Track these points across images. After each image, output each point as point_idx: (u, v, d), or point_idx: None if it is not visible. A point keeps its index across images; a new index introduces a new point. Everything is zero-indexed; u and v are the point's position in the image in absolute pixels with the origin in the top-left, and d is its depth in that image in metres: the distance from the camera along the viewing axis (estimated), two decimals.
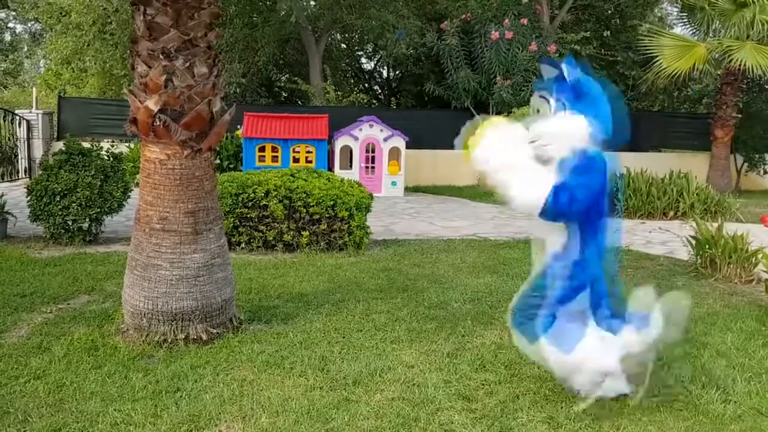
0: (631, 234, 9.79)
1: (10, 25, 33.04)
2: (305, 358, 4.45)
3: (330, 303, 5.72)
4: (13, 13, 29.49)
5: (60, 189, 7.74)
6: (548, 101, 3.77)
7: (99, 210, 7.96)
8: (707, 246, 7.19)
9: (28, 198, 7.92)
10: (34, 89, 16.17)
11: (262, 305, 5.63)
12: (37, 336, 4.79)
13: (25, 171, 14.46)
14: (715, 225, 7.40)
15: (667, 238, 9.27)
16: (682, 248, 8.08)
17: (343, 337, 4.86)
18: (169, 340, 4.63)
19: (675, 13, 17.45)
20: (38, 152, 14.49)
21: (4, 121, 14.15)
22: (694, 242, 7.40)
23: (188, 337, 4.68)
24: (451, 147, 13.84)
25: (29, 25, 31.32)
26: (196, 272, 4.71)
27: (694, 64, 13.87)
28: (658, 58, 14.21)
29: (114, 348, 4.56)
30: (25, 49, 33.73)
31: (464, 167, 16.11)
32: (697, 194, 11.04)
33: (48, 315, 5.31)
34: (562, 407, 3.79)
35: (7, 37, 33.74)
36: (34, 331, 4.90)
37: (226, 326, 4.92)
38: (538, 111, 3.87)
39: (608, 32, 18.04)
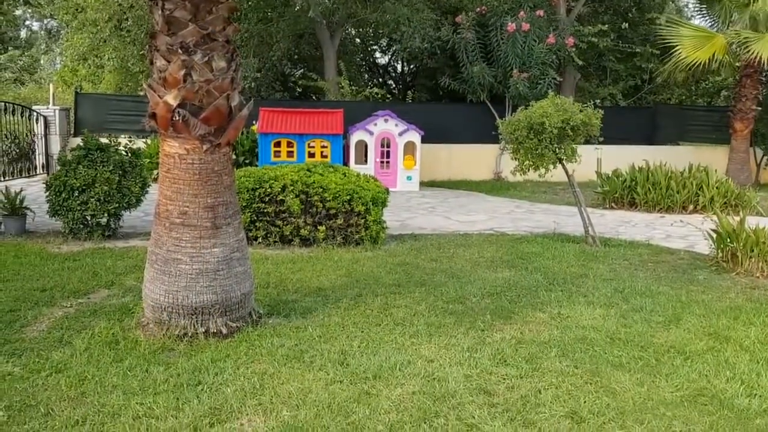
0: (651, 228, 9.70)
1: (27, 22, 33.33)
2: (325, 352, 4.44)
3: (348, 297, 5.71)
4: (30, 11, 29.73)
5: (78, 184, 7.79)
6: None
7: (117, 205, 8.00)
8: (729, 240, 7.11)
9: (47, 193, 7.98)
10: (51, 85, 16.26)
11: (281, 299, 5.63)
12: (58, 330, 4.82)
13: (43, 167, 14.56)
14: (737, 219, 7.31)
15: (687, 232, 9.17)
16: (702, 242, 8.00)
17: (362, 332, 4.85)
18: (190, 334, 4.64)
19: (691, 6, 17.24)
20: (55, 148, 14.58)
21: (22, 117, 14.24)
22: (715, 236, 7.31)
23: (208, 331, 4.69)
24: (467, 141, 13.73)
25: (45, 21, 31.57)
26: (216, 266, 4.72)
27: (714, 54, 13.69)
28: (677, 49, 14.04)
29: (135, 342, 4.58)
30: (42, 45, 33.98)
31: (480, 162, 16.10)
32: (716, 188, 10.91)
33: (68, 309, 5.35)
34: (585, 402, 3.76)
35: (24, 34, 34.02)
36: (54, 325, 4.93)
37: (246, 320, 4.93)
38: None
39: (626, 25, 17.83)
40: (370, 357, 4.37)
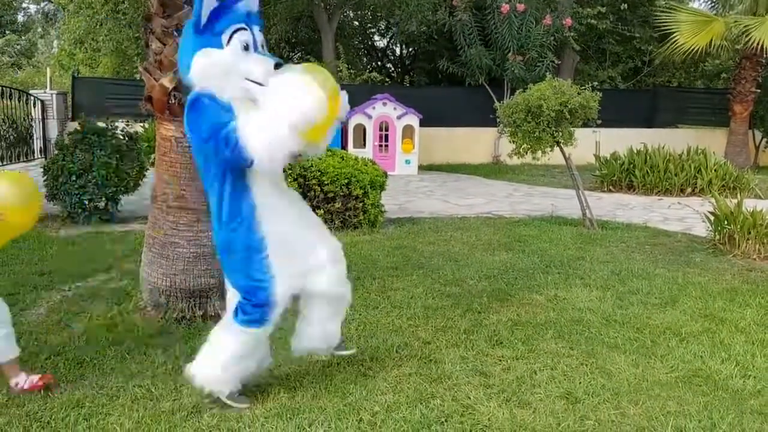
0: (648, 210, 9.71)
1: (24, 5, 33.11)
2: None
3: None
4: None
5: (76, 168, 7.78)
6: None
7: (115, 189, 8.01)
8: (726, 222, 7.12)
9: (45, 177, 7.98)
10: (48, 69, 16.20)
11: None
12: (56, 313, 4.84)
13: (41, 151, 14.53)
14: (734, 201, 7.32)
15: (684, 215, 9.18)
16: (700, 224, 8.01)
17: (360, 315, 4.86)
18: (188, 317, 4.66)
19: None
20: (53, 132, 14.54)
21: (19, 101, 14.19)
22: (712, 218, 7.32)
23: (206, 314, 4.71)
24: (466, 124, 13.61)
25: (42, 5, 31.36)
26: (214, 249, 4.71)
27: (712, 39, 13.62)
28: (674, 35, 13.97)
29: (133, 325, 4.60)
30: (39, 29, 33.80)
31: (479, 145, 16.07)
32: (715, 170, 10.91)
33: (67, 293, 5.37)
34: (580, 383, 3.79)
35: (21, 18, 33.83)
36: (53, 309, 4.95)
37: None
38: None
39: (625, 6, 17.71)
40: (367, 339, 4.39)
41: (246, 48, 3.18)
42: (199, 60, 3.15)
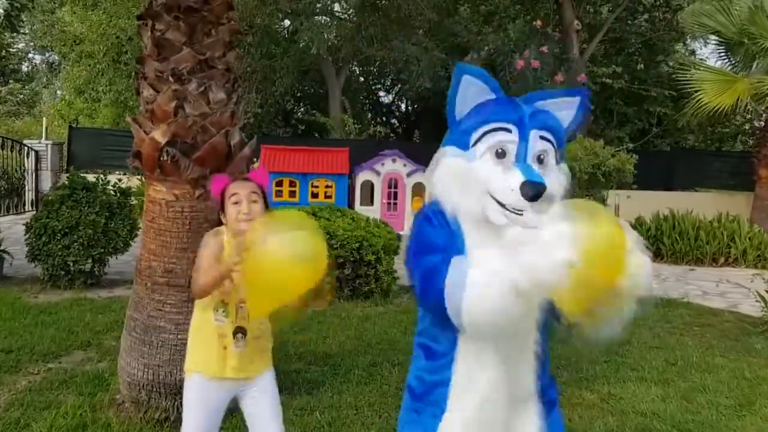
0: (683, 282, 8.91)
1: (30, 55, 33.00)
2: None
3: (360, 367, 4.93)
4: (32, 44, 29.44)
5: (60, 227, 7.07)
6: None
7: (103, 250, 7.28)
8: None
9: (27, 236, 7.25)
10: (44, 119, 15.69)
11: (283, 369, 4.80)
12: (17, 407, 4.04)
13: (32, 203, 13.86)
14: None
15: (724, 289, 8.40)
16: (745, 300, 7.27)
17: (380, 417, 4.05)
18: (172, 419, 3.83)
19: (706, 50, 16.74)
20: (46, 184, 13.91)
21: (12, 151, 13.60)
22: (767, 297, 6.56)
23: None
24: None
25: (47, 55, 31.21)
26: None
27: (738, 98, 13.07)
28: (699, 94, 13.41)
29: (106, 427, 3.79)
30: (44, 79, 33.60)
31: None
32: (749, 239, 10.18)
33: (35, 377, 4.59)
34: None
35: (25, 68, 33.65)
36: (15, 400, 4.15)
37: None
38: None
39: (642, 66, 17.35)
40: None
41: (500, 155, 2.32)
42: (439, 161, 2.41)
